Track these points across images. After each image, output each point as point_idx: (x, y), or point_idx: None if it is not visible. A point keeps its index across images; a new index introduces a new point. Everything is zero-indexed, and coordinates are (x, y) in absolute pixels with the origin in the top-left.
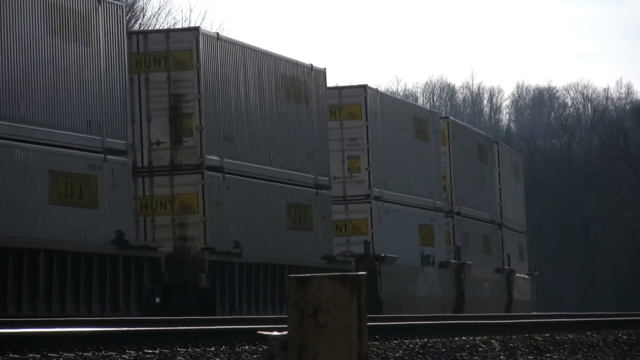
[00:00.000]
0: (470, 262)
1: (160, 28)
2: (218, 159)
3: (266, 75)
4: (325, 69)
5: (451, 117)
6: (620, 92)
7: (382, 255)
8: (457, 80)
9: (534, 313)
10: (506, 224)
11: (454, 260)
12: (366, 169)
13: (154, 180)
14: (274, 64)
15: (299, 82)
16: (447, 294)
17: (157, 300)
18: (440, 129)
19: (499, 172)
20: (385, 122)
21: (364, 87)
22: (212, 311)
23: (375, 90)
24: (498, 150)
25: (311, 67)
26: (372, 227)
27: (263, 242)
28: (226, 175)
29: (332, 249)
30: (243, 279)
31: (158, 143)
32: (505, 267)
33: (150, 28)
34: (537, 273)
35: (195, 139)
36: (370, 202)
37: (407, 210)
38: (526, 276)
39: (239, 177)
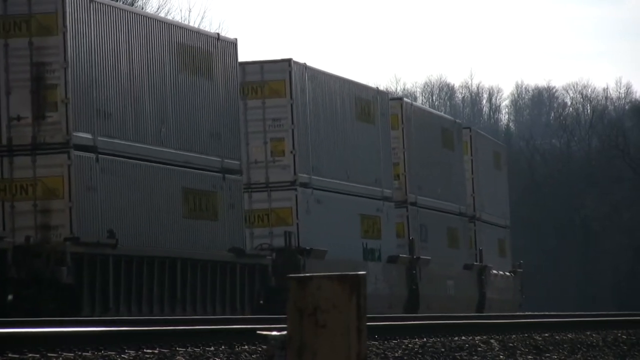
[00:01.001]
0: (428, 257)
1: None
2: (90, 136)
3: (157, 43)
4: (236, 39)
5: (405, 99)
6: (619, 92)
7: (308, 248)
8: (456, 80)
9: (528, 313)
10: (481, 217)
11: (404, 255)
12: (291, 152)
13: (13, 161)
14: (168, 31)
15: (200, 52)
16: (395, 292)
17: (10, 297)
18: (390, 112)
19: (472, 160)
20: (317, 101)
21: (288, 62)
22: (77, 310)
23: (303, 66)
24: (471, 137)
25: (217, 37)
26: (297, 217)
27: (149, 233)
28: (101, 156)
29: (244, 241)
30: (120, 273)
31: (18, 118)
32: (476, 263)
33: None
34: (521, 270)
35: (61, 113)
36: (295, 190)
37: (345, 199)
38: (507, 273)
39: (118, 158)
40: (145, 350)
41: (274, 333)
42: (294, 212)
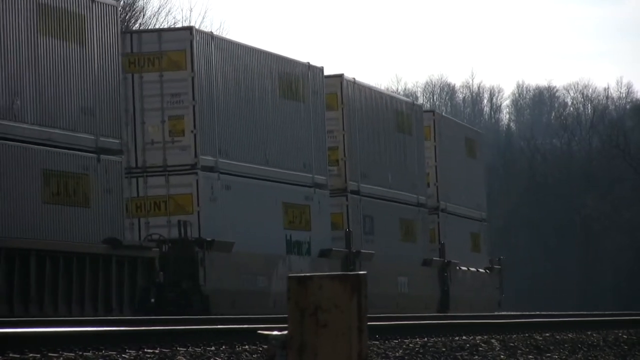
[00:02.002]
0: (370, 251)
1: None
2: None
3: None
4: (117, 2)
5: (346, 76)
6: (620, 92)
7: (209, 239)
8: (457, 79)
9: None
10: (446, 209)
11: (337, 249)
12: (192, 132)
13: None
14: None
15: (69, 15)
16: None
17: None
18: (328, 90)
19: (436, 146)
20: (227, 75)
21: (190, 30)
22: None
23: (209, 35)
24: (434, 121)
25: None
26: (198, 205)
27: None
28: None
29: (122, 230)
30: None
31: None
32: (437, 258)
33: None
34: (499, 267)
35: None
36: (196, 174)
37: (264, 186)
38: (482, 270)
39: None
40: (146, 350)
41: (275, 333)
42: (195, 199)
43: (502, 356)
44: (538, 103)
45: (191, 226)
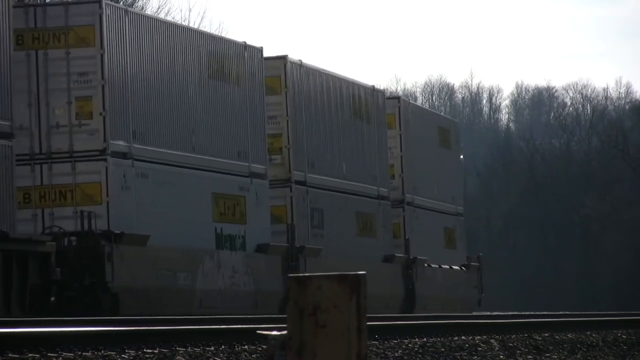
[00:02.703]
0: (318, 247)
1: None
2: None
3: None
4: None
5: (290, 58)
6: (619, 92)
7: (118, 232)
8: (456, 79)
9: (528, 313)
10: (414, 202)
11: (277, 244)
12: (101, 114)
13: None
14: None
15: None
16: (264, 287)
17: None
18: (267, 73)
19: (401, 135)
20: (143, 52)
21: (98, 3)
22: None
23: (122, 9)
24: (399, 108)
25: None
26: (108, 194)
27: None
28: None
29: (14, 222)
30: None
31: None
32: (399, 254)
33: None
34: (477, 264)
35: None
36: (105, 160)
37: (190, 175)
38: (457, 268)
39: None
40: (145, 350)
41: (274, 333)
42: (104, 188)
43: (501, 356)
44: (537, 103)
45: (96, 217)
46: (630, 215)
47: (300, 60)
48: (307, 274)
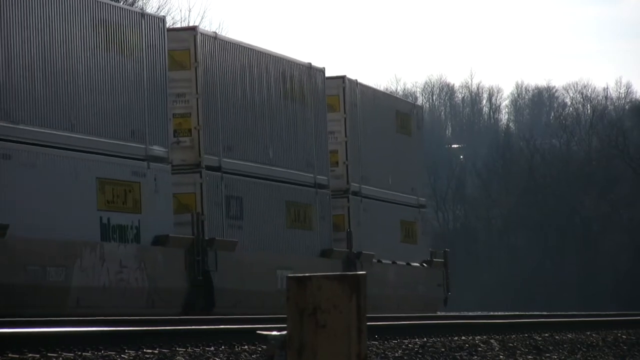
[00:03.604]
0: (234, 240)
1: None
2: None
3: None
4: None
5: (201, 30)
6: (619, 92)
7: None
8: (456, 79)
9: (528, 313)
10: (360, 192)
11: (179, 235)
12: None
13: None
14: None
15: None
16: (160, 284)
17: None
18: (175, 46)
19: (346, 119)
20: (25, 22)
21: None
22: None
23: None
24: (344, 89)
25: None
26: None
27: None
28: None
29: None
30: None
31: None
32: (338, 249)
33: None
34: (442, 260)
35: None
36: None
37: (67, 158)
38: (417, 264)
39: None
40: (145, 350)
41: (274, 333)
42: None
43: (501, 356)
44: (537, 103)
45: None
46: (630, 215)
47: (215, 32)
48: (307, 274)
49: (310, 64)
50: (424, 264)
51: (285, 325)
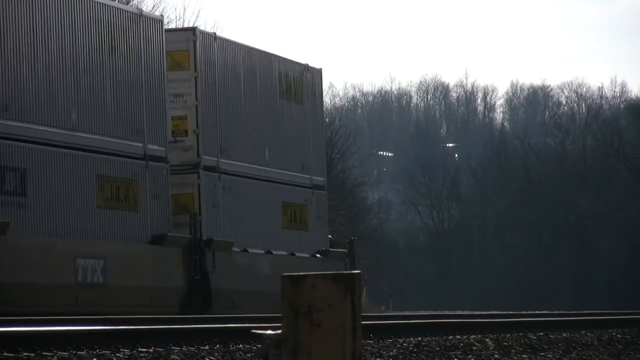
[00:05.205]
0: (4, 220)
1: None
2: None
3: None
4: None
5: (201, 30)
6: (614, 91)
7: None
8: (451, 79)
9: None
10: (220, 167)
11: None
12: None
13: None
14: None
15: None
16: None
17: None
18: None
19: (196, 78)
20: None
21: (193, 30)
22: None
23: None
24: (196, 43)
25: None
26: None
27: None
28: None
29: None
30: None
31: None
32: (176, 234)
33: None
34: (343, 251)
35: None
36: None
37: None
38: (306, 255)
39: None
40: (140, 349)
41: (269, 332)
42: None
43: (496, 355)
44: (532, 102)
45: None
46: (625, 214)
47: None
48: (301, 273)
49: (140, 11)
50: (318, 255)
51: (280, 325)
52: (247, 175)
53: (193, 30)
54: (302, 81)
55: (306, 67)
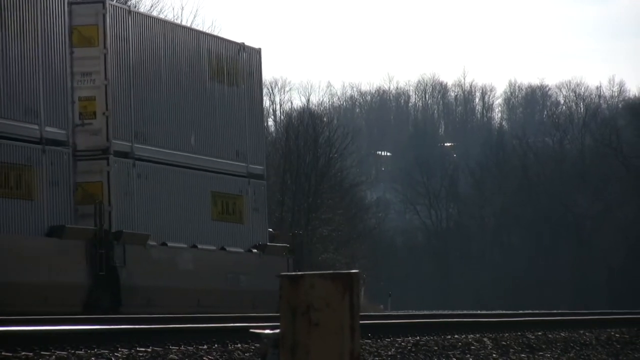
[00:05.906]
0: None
1: None
2: None
3: None
4: None
5: (112, 3)
6: (612, 90)
7: None
8: (449, 78)
9: (521, 312)
10: (134, 153)
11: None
12: None
13: None
14: None
15: None
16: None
17: None
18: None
19: (105, 56)
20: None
21: (102, 3)
22: None
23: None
24: (105, 16)
25: None
26: None
27: None
28: None
29: None
30: None
31: None
32: (78, 226)
33: None
34: (286, 245)
35: None
36: None
37: None
38: (240, 250)
39: None
40: (138, 349)
41: (267, 331)
42: None
43: (494, 355)
44: (530, 101)
45: None
46: (624, 213)
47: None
48: (300, 273)
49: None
50: (254, 250)
51: (278, 324)
52: (169, 162)
53: (102, 2)
54: (237, 62)
55: (242, 47)
